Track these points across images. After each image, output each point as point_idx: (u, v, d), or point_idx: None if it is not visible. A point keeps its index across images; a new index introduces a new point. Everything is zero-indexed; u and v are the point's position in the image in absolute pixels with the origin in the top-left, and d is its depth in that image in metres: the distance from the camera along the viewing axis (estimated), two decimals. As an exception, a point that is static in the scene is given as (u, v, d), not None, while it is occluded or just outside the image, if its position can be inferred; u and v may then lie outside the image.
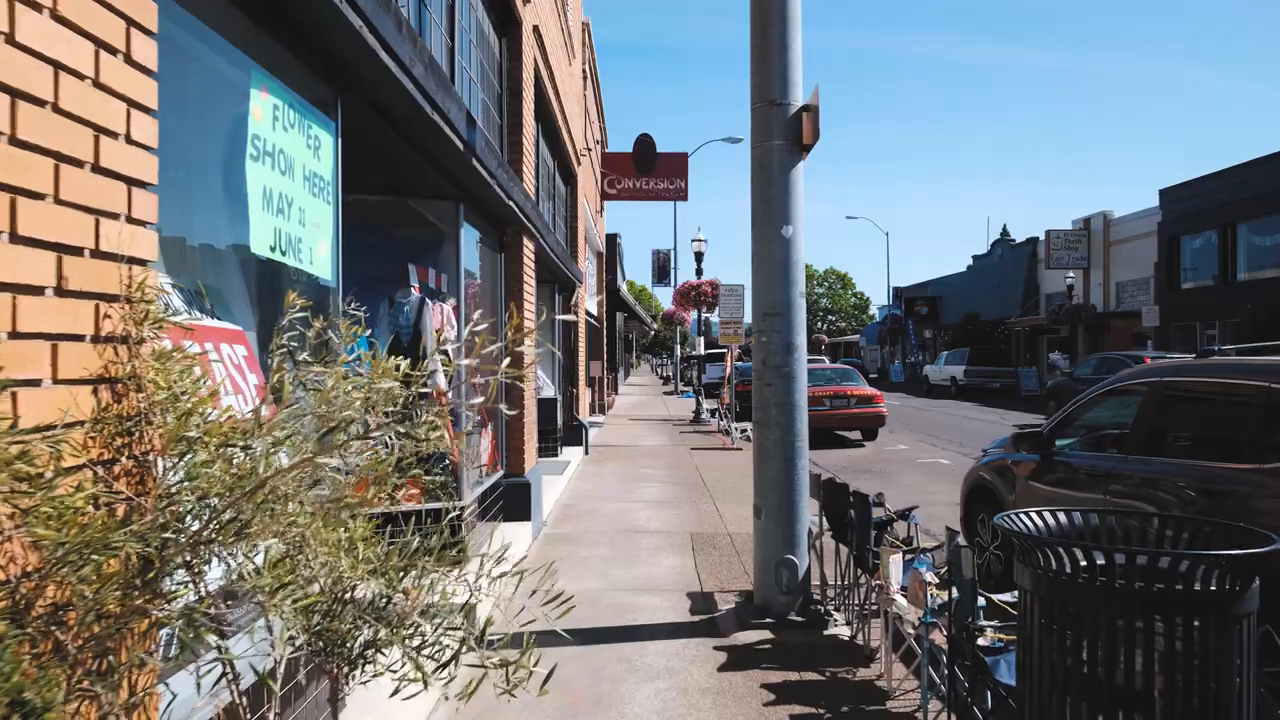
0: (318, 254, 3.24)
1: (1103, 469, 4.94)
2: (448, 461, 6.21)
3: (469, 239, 6.26)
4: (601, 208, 21.80)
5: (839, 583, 5.51)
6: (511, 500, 7.46)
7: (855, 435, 16.78)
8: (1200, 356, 4.86)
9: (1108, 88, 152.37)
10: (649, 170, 19.55)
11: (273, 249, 2.85)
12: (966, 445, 15.64)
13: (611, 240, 25.44)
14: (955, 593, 3.59)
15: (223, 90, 2.79)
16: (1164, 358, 24.07)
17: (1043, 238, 34.30)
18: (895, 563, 4.16)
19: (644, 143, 19.20)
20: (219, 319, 2.78)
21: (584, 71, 15.43)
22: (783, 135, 5.10)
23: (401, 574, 1.50)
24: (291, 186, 3.00)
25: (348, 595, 1.44)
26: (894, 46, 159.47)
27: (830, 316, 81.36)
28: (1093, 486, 4.96)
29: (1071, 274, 32.03)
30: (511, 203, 6.46)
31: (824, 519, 5.62)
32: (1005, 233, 42.77)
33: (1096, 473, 4.98)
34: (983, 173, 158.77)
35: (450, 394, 6.51)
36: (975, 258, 45.03)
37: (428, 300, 6.06)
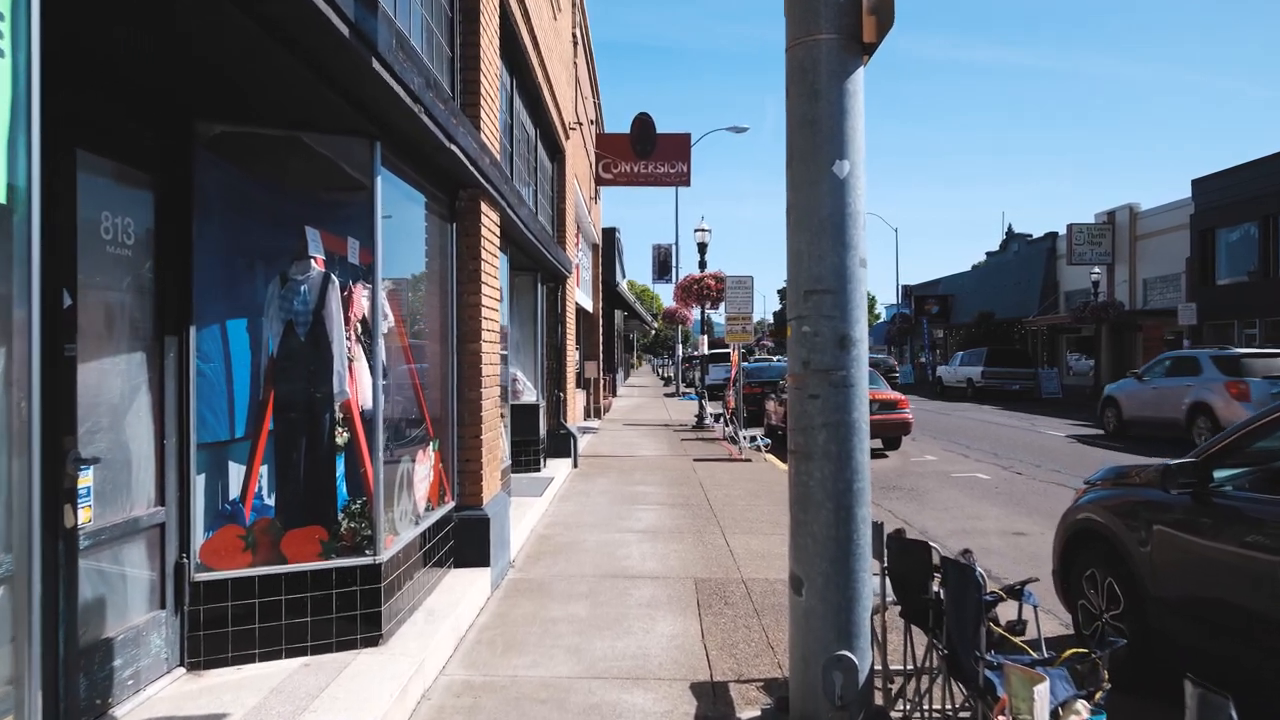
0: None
1: None
2: (365, 499, 4.55)
3: (392, 192, 4.61)
4: (596, 194, 20.12)
5: (908, 666, 3.87)
6: (465, 539, 5.80)
7: (876, 444, 15.13)
8: None
9: (1111, 90, 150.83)
10: (648, 153, 17.86)
11: None
12: (1003, 456, 13.97)
13: (610, 234, 23.81)
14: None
15: None
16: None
17: (1063, 232, 32.57)
18: (1040, 696, 2.51)
19: (643, 122, 17.51)
20: None
21: (574, 36, 13.76)
22: (834, 27, 3.44)
23: None
24: None
25: None
26: (902, 48, 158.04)
27: (835, 316, 79.63)
28: None
29: (1097, 270, 30.31)
30: (456, 148, 4.81)
31: (886, 585, 3.96)
32: (1011, 232, 41.07)
33: None
34: (993, 170, 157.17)
35: (368, 403, 4.85)
36: (989, 254, 43.37)
37: (334, 278, 4.40)
